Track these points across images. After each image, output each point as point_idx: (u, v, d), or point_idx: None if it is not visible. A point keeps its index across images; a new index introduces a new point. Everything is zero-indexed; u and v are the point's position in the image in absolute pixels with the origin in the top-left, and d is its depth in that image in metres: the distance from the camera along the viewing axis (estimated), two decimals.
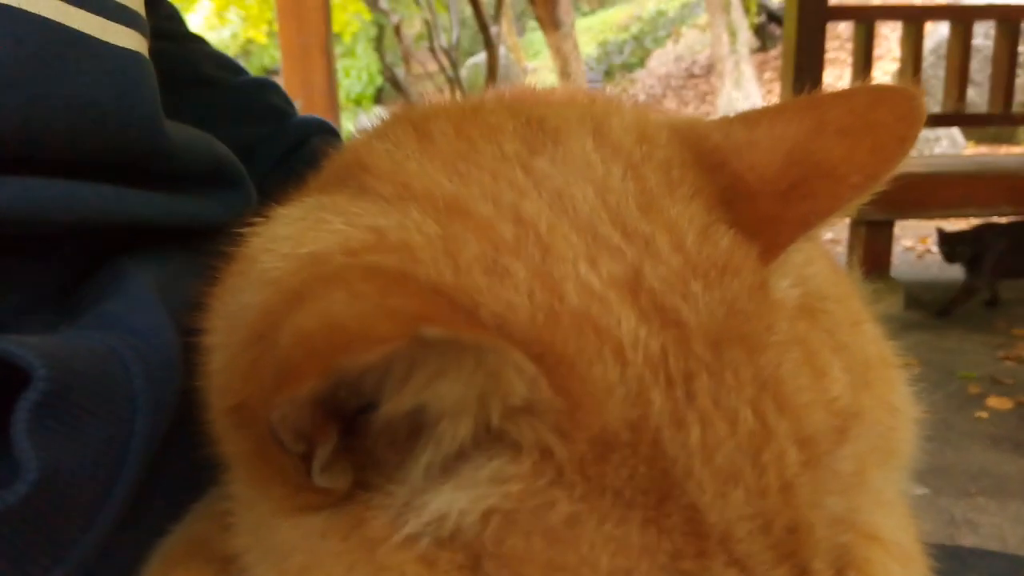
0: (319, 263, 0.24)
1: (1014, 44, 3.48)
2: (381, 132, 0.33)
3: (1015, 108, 3.52)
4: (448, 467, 0.23)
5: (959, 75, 3.49)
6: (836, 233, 4.44)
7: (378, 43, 11.87)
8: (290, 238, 0.27)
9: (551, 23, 7.68)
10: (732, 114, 0.32)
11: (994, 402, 2.37)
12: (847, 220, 3.19)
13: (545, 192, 0.27)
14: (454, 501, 0.23)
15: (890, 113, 0.29)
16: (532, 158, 0.29)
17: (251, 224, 0.29)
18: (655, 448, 0.23)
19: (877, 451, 0.46)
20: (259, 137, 0.61)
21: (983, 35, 3.60)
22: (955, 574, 0.50)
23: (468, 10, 9.85)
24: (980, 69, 3.71)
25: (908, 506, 0.53)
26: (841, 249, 3.61)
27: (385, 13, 10.40)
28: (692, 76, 9.07)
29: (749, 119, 0.31)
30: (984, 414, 2.30)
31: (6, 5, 0.30)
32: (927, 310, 3.15)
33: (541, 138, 0.30)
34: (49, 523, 0.26)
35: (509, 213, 0.26)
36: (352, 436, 0.23)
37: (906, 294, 3.16)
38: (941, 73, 3.67)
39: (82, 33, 0.33)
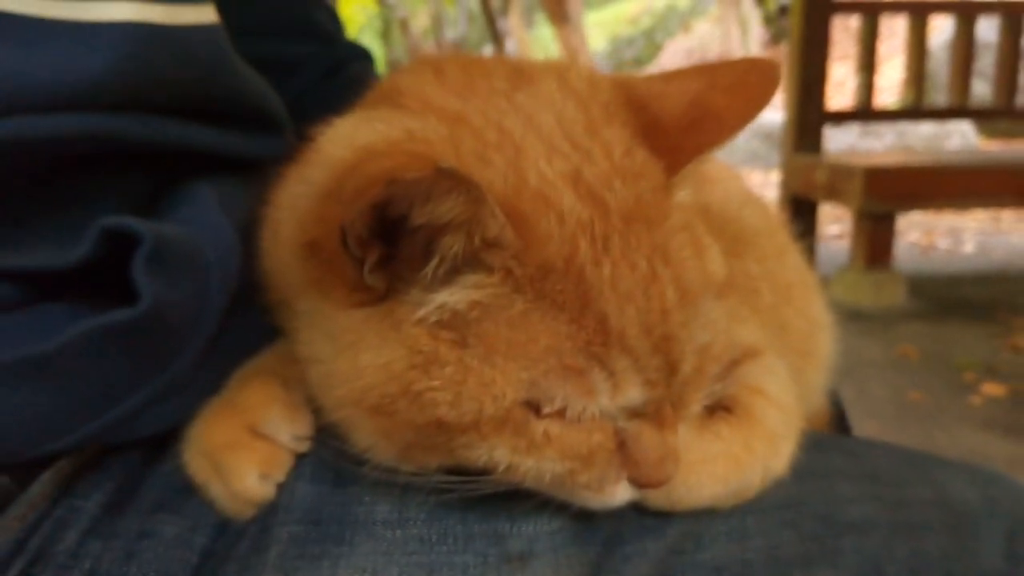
0: (370, 148, 0.37)
1: (1017, 38, 3.53)
2: (409, 70, 0.46)
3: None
4: (447, 278, 0.36)
5: (963, 69, 3.54)
6: (842, 227, 4.53)
7: (385, 37, 12.00)
8: (348, 135, 0.39)
9: (560, 17, 7.77)
10: None
11: (988, 388, 2.40)
12: (851, 214, 3.27)
13: (521, 114, 0.40)
14: (450, 296, 0.35)
15: (759, 77, 0.42)
16: (514, 92, 0.41)
17: (317, 131, 0.41)
18: (580, 276, 0.36)
19: (781, 335, 0.58)
20: (302, 55, 0.67)
21: (995, 31, 3.64)
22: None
23: (476, 4, 9.92)
24: (992, 64, 3.75)
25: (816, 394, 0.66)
26: (846, 243, 3.68)
27: (392, 7, 10.48)
28: None
29: (665, 77, 0.44)
30: (978, 400, 2.34)
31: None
32: (928, 301, 3.20)
33: (521, 80, 0.42)
34: (160, 337, 0.39)
35: (495, 125, 0.39)
36: (388, 258, 0.35)
37: (909, 286, 3.23)
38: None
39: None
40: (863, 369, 2.59)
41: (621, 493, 0.40)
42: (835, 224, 4.72)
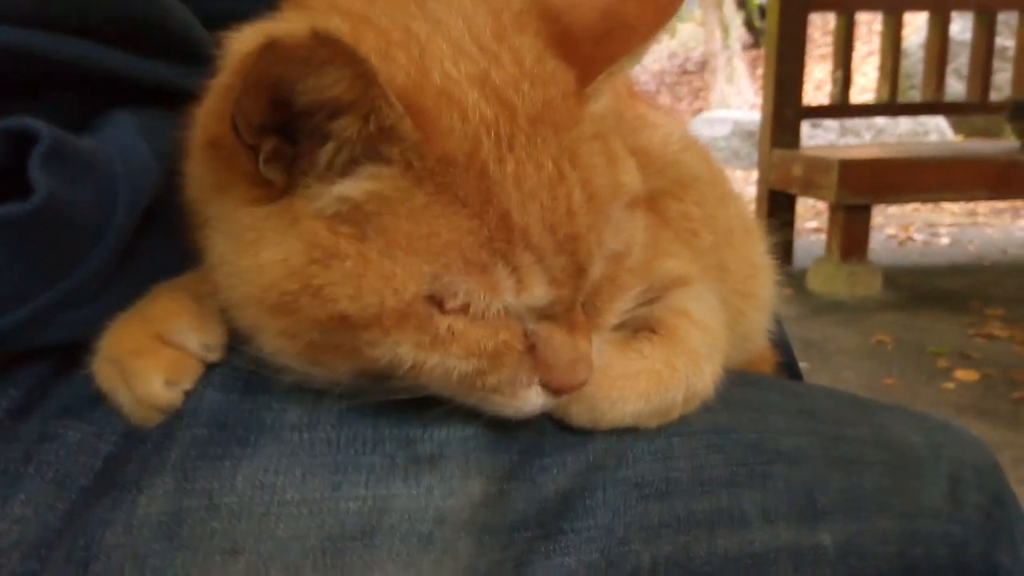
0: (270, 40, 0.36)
1: (991, 35, 3.59)
2: None
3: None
4: (345, 170, 0.36)
5: (938, 65, 3.60)
6: (819, 222, 4.57)
7: None
8: (252, 35, 0.39)
9: None
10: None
11: (961, 374, 2.44)
12: (827, 207, 3.30)
13: (430, 19, 0.40)
14: (348, 188, 0.35)
15: None
16: (425, 1, 0.41)
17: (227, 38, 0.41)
18: (482, 172, 0.36)
19: (722, 276, 0.59)
20: (252, 11, 0.68)
21: (970, 30, 3.71)
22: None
23: None
24: (966, 63, 3.81)
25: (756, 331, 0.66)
26: (823, 236, 3.72)
27: None
28: (686, 72, 9.22)
29: None
30: (950, 385, 2.37)
31: None
32: (904, 292, 3.24)
33: None
34: (60, 238, 0.38)
35: (401, 26, 0.38)
36: (289, 156, 0.35)
37: (885, 277, 3.26)
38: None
39: None
40: (839, 357, 2.61)
41: (534, 398, 0.40)
42: (813, 220, 4.77)
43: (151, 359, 0.39)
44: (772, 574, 0.49)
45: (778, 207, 3.52)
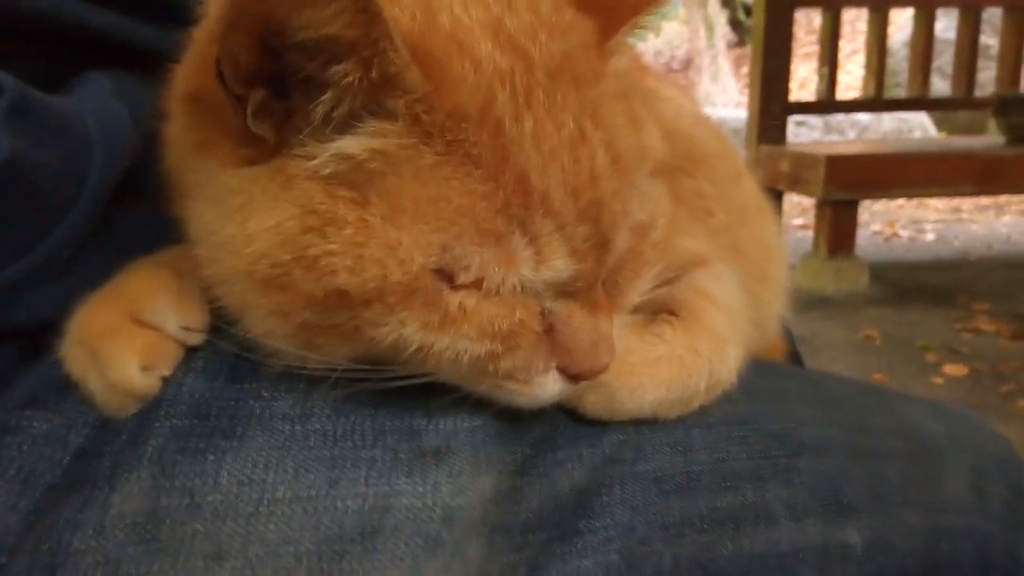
0: None
1: (976, 31, 3.62)
2: None
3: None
4: (344, 126, 0.32)
5: (923, 62, 3.62)
6: (806, 219, 4.59)
7: None
8: None
9: None
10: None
11: (950, 369, 2.44)
12: (814, 203, 3.30)
13: None
14: (349, 145, 0.32)
15: None
16: None
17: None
18: (497, 128, 0.32)
19: (736, 258, 0.56)
20: None
21: (954, 28, 3.73)
22: None
23: None
24: (950, 61, 3.84)
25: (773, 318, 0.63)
26: (810, 233, 3.72)
27: None
28: (671, 70, 9.24)
29: None
30: (939, 379, 2.37)
31: None
32: (890, 287, 3.25)
33: None
34: (26, 201, 0.34)
35: None
36: (283, 114, 0.32)
37: (872, 273, 3.27)
38: None
39: None
40: (827, 352, 2.60)
41: (551, 385, 0.36)
42: (799, 217, 4.78)
43: (126, 342, 0.35)
44: (798, 574, 0.46)
45: None
